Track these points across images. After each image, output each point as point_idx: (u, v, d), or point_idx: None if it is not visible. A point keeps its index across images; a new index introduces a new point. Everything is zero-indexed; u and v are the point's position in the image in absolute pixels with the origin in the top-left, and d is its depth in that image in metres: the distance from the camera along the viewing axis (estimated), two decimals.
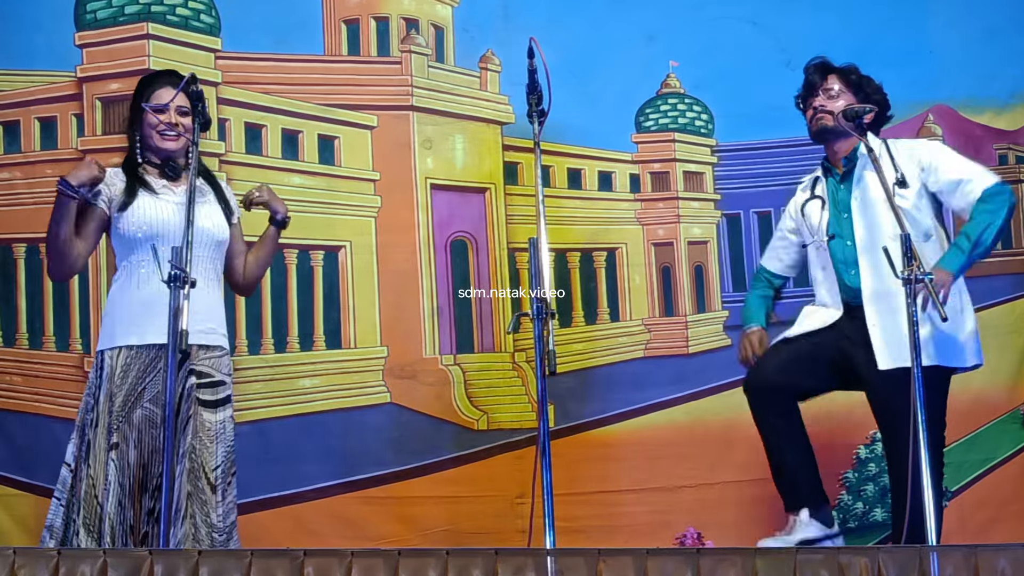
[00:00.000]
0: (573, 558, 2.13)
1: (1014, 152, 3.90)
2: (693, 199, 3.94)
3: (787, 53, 3.77)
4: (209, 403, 2.65)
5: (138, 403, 2.61)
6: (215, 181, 2.86)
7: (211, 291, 2.72)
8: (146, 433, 2.60)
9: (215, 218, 2.75)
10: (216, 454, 2.63)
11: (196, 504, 2.60)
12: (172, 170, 2.73)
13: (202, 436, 2.62)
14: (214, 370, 2.67)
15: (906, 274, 2.49)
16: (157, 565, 2.10)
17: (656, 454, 3.71)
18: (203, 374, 2.66)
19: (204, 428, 2.62)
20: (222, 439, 2.65)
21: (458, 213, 3.83)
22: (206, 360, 2.67)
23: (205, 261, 2.72)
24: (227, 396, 2.70)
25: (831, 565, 2.11)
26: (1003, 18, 3.85)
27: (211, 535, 2.59)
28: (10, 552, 2.12)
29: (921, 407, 2.43)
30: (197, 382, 2.65)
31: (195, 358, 2.65)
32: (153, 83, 2.78)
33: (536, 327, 2.44)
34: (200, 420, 2.63)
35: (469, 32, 3.89)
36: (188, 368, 2.64)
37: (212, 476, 2.61)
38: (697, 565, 2.11)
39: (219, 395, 2.67)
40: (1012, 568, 2.09)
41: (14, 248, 3.80)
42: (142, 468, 2.59)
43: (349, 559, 2.12)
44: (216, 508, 2.60)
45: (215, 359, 2.69)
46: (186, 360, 2.63)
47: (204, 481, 2.60)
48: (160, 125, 2.70)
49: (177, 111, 2.72)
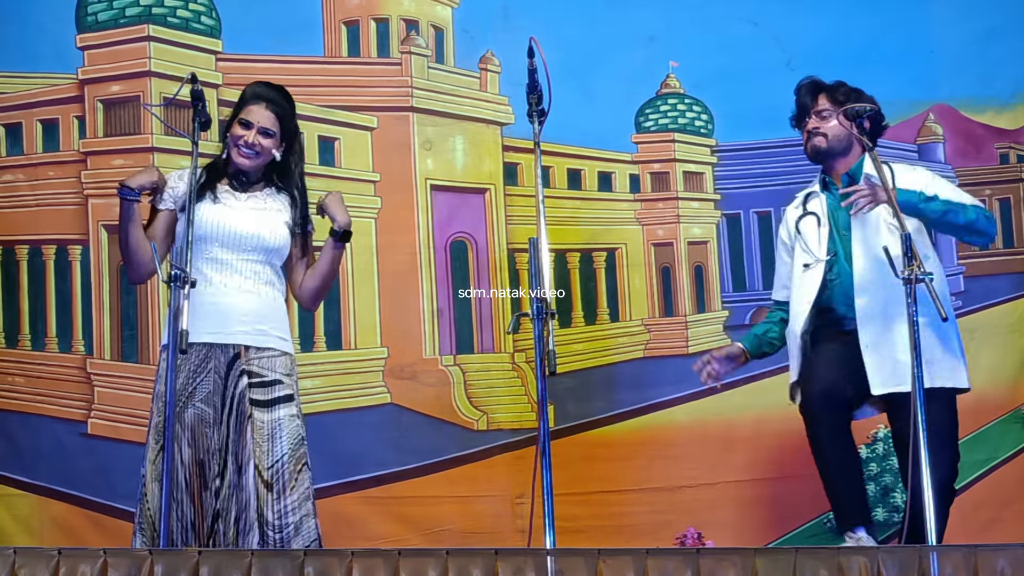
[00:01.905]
0: (573, 558, 2.13)
1: (1015, 151, 3.90)
2: (693, 199, 3.94)
3: (787, 53, 3.77)
4: (262, 403, 2.66)
5: (189, 402, 2.64)
6: (293, 190, 2.82)
7: (263, 295, 2.72)
8: (199, 432, 2.63)
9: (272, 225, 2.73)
10: (270, 452, 2.64)
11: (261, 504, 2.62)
12: (239, 183, 2.75)
13: (255, 436, 2.64)
14: (266, 369, 2.68)
15: (906, 274, 2.49)
16: (157, 565, 2.11)
17: (656, 454, 3.71)
18: (254, 374, 2.67)
19: (256, 428, 2.64)
20: (278, 437, 2.66)
21: (458, 214, 3.83)
22: (256, 360, 2.68)
23: (255, 264, 2.71)
24: (286, 395, 2.69)
25: (831, 565, 2.11)
26: (1004, 17, 3.85)
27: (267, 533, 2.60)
28: (10, 552, 2.13)
29: (921, 407, 2.43)
30: (249, 382, 2.66)
31: (245, 359, 2.67)
32: (252, 95, 2.77)
33: (536, 327, 2.44)
34: (253, 420, 2.65)
35: (469, 33, 3.90)
36: (240, 369, 2.66)
37: (266, 475, 2.62)
38: (697, 565, 2.11)
39: (273, 394, 2.67)
40: (1011, 568, 2.09)
41: (17, 250, 3.81)
42: (199, 465, 2.61)
43: (349, 559, 2.13)
44: (272, 506, 2.61)
45: (268, 359, 2.69)
46: (236, 361, 2.65)
47: (260, 480, 2.62)
48: (240, 140, 2.71)
49: (259, 131, 2.72)
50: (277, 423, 2.66)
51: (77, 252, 3.78)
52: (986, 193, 3.88)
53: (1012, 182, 3.89)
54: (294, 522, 2.64)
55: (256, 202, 2.75)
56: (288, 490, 2.64)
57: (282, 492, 2.64)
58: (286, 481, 2.64)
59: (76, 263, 3.79)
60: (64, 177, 3.80)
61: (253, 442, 2.63)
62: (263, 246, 2.73)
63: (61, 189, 3.80)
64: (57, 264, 3.80)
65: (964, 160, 3.90)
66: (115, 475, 3.57)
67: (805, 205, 2.99)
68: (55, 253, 3.81)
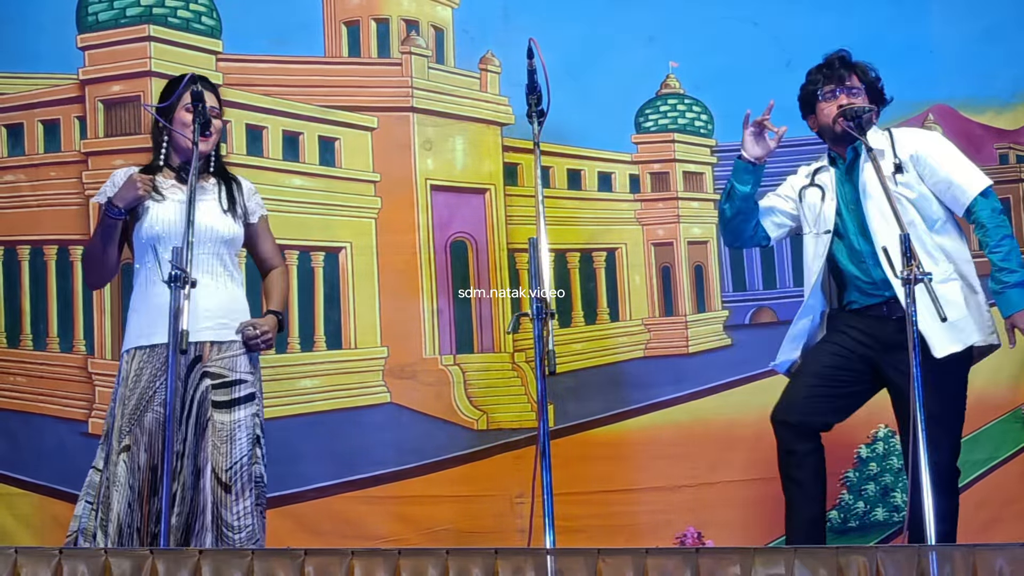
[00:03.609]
0: (573, 558, 2.13)
1: (1015, 151, 3.90)
2: (693, 199, 3.94)
3: (787, 53, 3.77)
4: (222, 404, 2.65)
5: (149, 406, 2.63)
6: (229, 179, 2.85)
7: (222, 287, 2.72)
8: (156, 436, 2.61)
9: (220, 214, 2.75)
10: (228, 454, 2.63)
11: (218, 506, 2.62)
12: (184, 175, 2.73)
13: (213, 438, 2.63)
14: (227, 370, 2.68)
15: (906, 274, 2.49)
16: (158, 565, 2.11)
17: (656, 454, 3.71)
18: (215, 375, 2.66)
19: (215, 430, 2.63)
20: (236, 439, 2.65)
21: (458, 214, 3.83)
22: (219, 361, 2.68)
23: (211, 257, 2.72)
24: (248, 394, 2.69)
25: (830, 565, 2.11)
26: (1004, 17, 3.85)
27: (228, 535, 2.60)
28: (11, 552, 2.13)
29: (921, 407, 2.43)
30: (211, 383, 2.66)
31: (208, 359, 2.67)
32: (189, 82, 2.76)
33: (536, 327, 2.44)
34: (213, 422, 2.64)
35: (469, 33, 3.90)
36: (201, 371, 2.66)
37: (224, 476, 2.62)
38: (696, 565, 2.11)
39: (234, 394, 2.67)
40: (1010, 567, 2.09)
41: (18, 250, 3.82)
42: (151, 471, 2.60)
43: (349, 559, 2.13)
44: (231, 508, 2.61)
45: (229, 358, 2.69)
46: (198, 363, 2.65)
47: (217, 482, 2.62)
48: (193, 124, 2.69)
49: (211, 112, 2.73)
50: (236, 424, 2.66)
51: (78, 252, 3.79)
52: None
53: (1012, 182, 3.89)
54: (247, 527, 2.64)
55: (202, 193, 2.73)
56: (247, 492, 2.64)
57: (240, 494, 2.63)
58: (244, 482, 2.64)
59: (77, 263, 3.79)
60: (65, 177, 3.80)
61: (212, 445, 2.62)
62: (219, 237, 2.73)
63: (62, 189, 3.81)
64: (58, 264, 3.81)
65: None
66: None
67: (813, 177, 2.97)
68: (56, 253, 3.82)
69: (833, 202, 2.92)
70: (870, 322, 2.87)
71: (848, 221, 2.91)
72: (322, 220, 3.79)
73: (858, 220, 2.88)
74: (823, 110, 2.92)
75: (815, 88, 2.95)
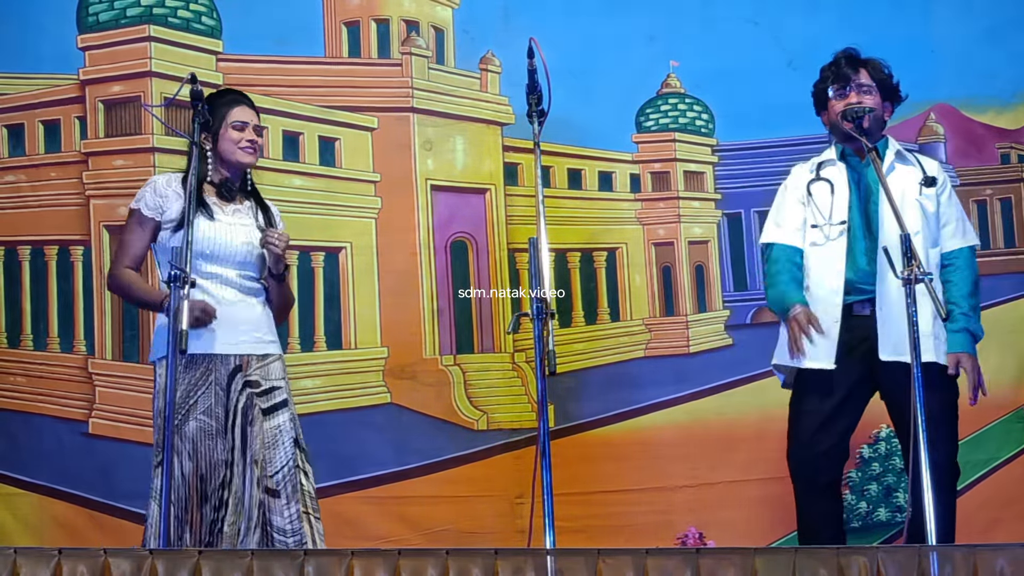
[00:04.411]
0: (573, 558, 2.13)
1: (1016, 151, 3.90)
2: (694, 199, 3.93)
3: (788, 53, 3.77)
4: (266, 411, 2.72)
5: (191, 415, 2.66)
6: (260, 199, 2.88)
7: (259, 304, 2.79)
8: (202, 444, 2.65)
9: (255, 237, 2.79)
10: (273, 460, 2.68)
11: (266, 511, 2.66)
12: (228, 190, 2.79)
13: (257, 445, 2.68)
14: (263, 378, 2.74)
15: (906, 274, 2.49)
16: (158, 564, 2.11)
17: (656, 454, 3.71)
18: (254, 383, 2.72)
19: (261, 436, 2.69)
20: (280, 444, 2.70)
21: (458, 214, 3.84)
22: (259, 370, 2.74)
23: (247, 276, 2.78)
24: (282, 400, 2.75)
25: (830, 565, 2.11)
26: (1005, 17, 3.85)
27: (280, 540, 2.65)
28: (11, 552, 2.13)
29: (921, 408, 2.42)
30: (253, 391, 2.71)
31: (248, 369, 2.72)
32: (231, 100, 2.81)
33: (536, 327, 2.44)
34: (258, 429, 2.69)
35: (469, 33, 3.90)
36: (243, 381, 2.71)
37: (271, 482, 2.67)
38: (697, 565, 2.11)
39: (272, 401, 2.73)
40: (1011, 568, 2.08)
41: (19, 250, 3.82)
42: (200, 479, 2.63)
43: (349, 559, 2.12)
44: (281, 512, 2.66)
45: (265, 367, 2.75)
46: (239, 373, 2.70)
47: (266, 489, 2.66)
48: (242, 141, 2.77)
49: (254, 128, 2.80)
50: (278, 429, 2.71)
51: (79, 252, 3.79)
52: (987, 193, 3.88)
53: (1013, 182, 3.89)
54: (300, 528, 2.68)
55: (240, 216, 2.80)
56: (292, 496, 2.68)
57: (291, 498, 2.67)
58: (291, 488, 2.68)
59: (78, 263, 3.80)
60: (66, 178, 3.81)
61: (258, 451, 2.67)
62: (253, 259, 2.78)
63: (63, 190, 3.81)
64: (59, 264, 3.81)
65: (965, 160, 3.90)
66: (116, 475, 3.58)
67: (819, 172, 2.92)
68: (57, 253, 3.82)
69: (843, 198, 2.88)
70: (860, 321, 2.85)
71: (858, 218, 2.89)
72: (322, 220, 3.79)
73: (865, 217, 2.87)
74: (834, 107, 2.91)
75: (826, 85, 2.94)
